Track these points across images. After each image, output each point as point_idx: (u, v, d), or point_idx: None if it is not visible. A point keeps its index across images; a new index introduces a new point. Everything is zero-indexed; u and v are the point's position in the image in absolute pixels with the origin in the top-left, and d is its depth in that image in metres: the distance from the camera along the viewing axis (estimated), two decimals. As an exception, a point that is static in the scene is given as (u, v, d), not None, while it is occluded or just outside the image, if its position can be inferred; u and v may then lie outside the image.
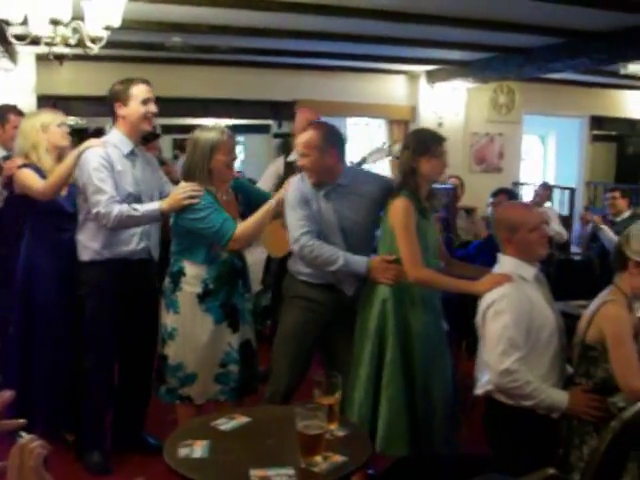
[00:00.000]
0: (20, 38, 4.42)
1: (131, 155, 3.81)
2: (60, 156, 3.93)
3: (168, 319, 3.65)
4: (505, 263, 3.11)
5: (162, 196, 3.87)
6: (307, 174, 3.54)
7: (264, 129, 9.25)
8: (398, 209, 3.36)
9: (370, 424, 3.32)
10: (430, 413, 3.36)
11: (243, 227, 3.58)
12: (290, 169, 4.85)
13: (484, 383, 3.09)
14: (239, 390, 3.69)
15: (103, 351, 3.88)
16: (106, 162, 3.68)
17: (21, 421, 1.45)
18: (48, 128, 3.94)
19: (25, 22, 4.22)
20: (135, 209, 3.63)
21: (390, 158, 4.97)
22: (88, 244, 3.79)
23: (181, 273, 3.62)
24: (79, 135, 5.58)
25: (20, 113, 4.78)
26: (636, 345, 2.87)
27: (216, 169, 3.58)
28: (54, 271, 3.95)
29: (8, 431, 1.43)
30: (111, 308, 3.83)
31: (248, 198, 3.83)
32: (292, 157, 4.96)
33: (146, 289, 3.95)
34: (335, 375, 2.69)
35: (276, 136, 9.19)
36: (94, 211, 3.61)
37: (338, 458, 2.46)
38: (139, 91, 3.74)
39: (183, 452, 2.52)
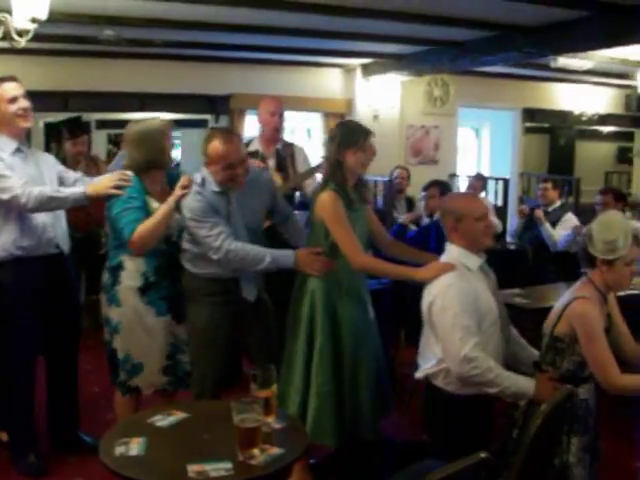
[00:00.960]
0: (-57, 32, 4.30)
1: (18, 152, 3.72)
2: None
3: (111, 313, 3.64)
4: (451, 252, 3.13)
5: None
6: (239, 184, 3.47)
7: (201, 123, 9.14)
8: (325, 202, 3.36)
9: (303, 415, 3.34)
10: (357, 400, 3.39)
11: (141, 230, 3.45)
12: None
13: (425, 368, 3.11)
14: (186, 379, 3.70)
15: (22, 353, 3.80)
16: None
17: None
18: None
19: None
20: (59, 191, 3.59)
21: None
22: None
23: (120, 267, 3.60)
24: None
25: None
26: (608, 339, 2.91)
27: (165, 157, 3.63)
28: None
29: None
30: (26, 310, 3.74)
31: None
32: None
33: (60, 283, 3.88)
34: (271, 368, 2.70)
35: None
36: (8, 196, 3.50)
37: (275, 450, 2.48)
38: (5, 91, 3.66)
39: (119, 450, 2.49)
